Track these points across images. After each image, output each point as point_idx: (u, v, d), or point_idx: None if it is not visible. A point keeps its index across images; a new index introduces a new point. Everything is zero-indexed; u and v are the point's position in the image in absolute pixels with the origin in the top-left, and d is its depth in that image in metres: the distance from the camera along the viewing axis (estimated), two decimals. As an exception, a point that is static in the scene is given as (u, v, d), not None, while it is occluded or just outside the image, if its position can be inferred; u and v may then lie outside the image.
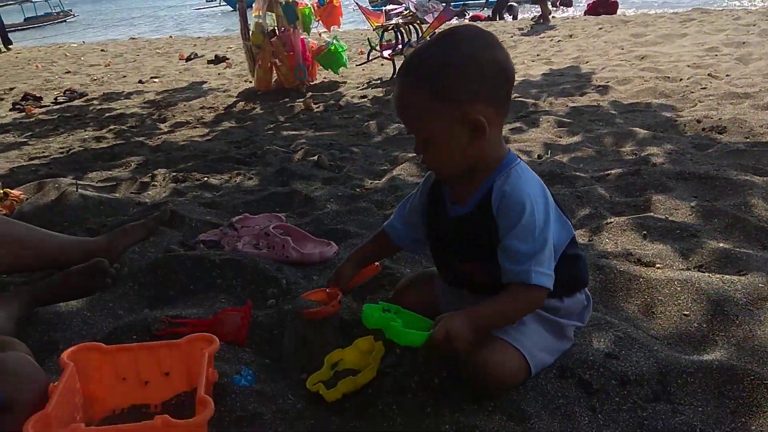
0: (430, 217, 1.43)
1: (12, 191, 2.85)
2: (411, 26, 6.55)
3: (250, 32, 6.15)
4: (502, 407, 1.25)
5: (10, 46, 12.93)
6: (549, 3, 11.44)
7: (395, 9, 6.83)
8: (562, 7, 16.70)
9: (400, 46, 6.42)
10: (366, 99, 5.50)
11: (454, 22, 10.05)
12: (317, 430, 1.26)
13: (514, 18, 14.76)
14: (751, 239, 2.01)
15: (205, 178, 3.19)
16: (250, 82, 6.57)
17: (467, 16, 15.10)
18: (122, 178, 3.27)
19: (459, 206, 1.35)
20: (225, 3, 30.50)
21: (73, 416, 1.17)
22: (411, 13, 6.49)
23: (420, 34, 6.58)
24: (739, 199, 2.29)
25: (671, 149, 3.10)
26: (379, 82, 6.41)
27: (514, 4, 17.06)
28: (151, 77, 8.01)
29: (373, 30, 6.89)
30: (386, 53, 6.53)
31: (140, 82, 7.67)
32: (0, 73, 9.77)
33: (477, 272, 1.34)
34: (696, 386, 1.30)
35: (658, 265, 1.86)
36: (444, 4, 7.39)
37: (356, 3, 7.42)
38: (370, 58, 7.42)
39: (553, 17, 11.33)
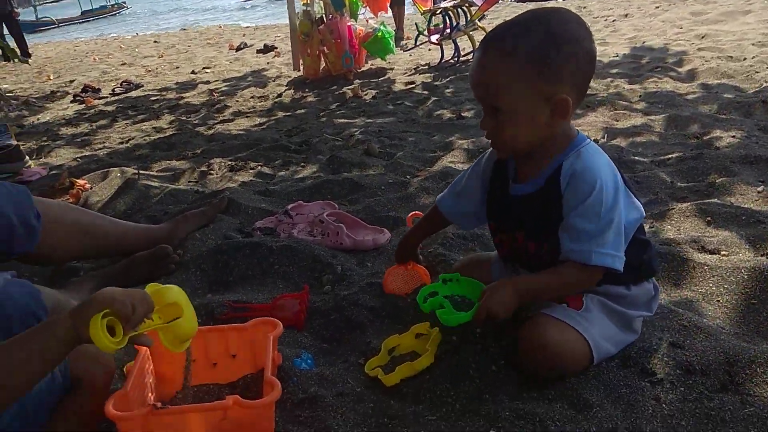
0: (492, 195, 1.43)
1: (77, 180, 2.98)
2: (459, 9, 6.45)
3: (298, 21, 6.20)
4: (563, 395, 1.24)
5: (29, 60, 10.42)
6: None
7: (443, -7, 6.75)
8: None
9: (448, 31, 6.34)
10: (414, 85, 5.47)
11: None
12: (377, 414, 1.29)
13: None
14: (823, 226, 1.92)
15: (259, 167, 3.25)
16: (299, 70, 6.63)
17: None
18: (181, 167, 3.37)
19: (522, 185, 1.35)
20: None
21: (146, 395, 1.22)
22: (459, -3, 6.39)
23: (469, 18, 6.48)
24: (810, 184, 2.18)
25: (735, 132, 2.97)
26: (427, 67, 6.37)
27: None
28: (203, 68, 8.18)
29: (421, 15, 6.82)
30: (434, 38, 6.47)
31: (193, 72, 7.85)
32: (61, 65, 10.18)
33: (542, 251, 1.32)
34: (766, 377, 1.25)
35: (723, 253, 1.79)
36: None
37: (403, -12, 7.38)
38: (418, 44, 7.37)
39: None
